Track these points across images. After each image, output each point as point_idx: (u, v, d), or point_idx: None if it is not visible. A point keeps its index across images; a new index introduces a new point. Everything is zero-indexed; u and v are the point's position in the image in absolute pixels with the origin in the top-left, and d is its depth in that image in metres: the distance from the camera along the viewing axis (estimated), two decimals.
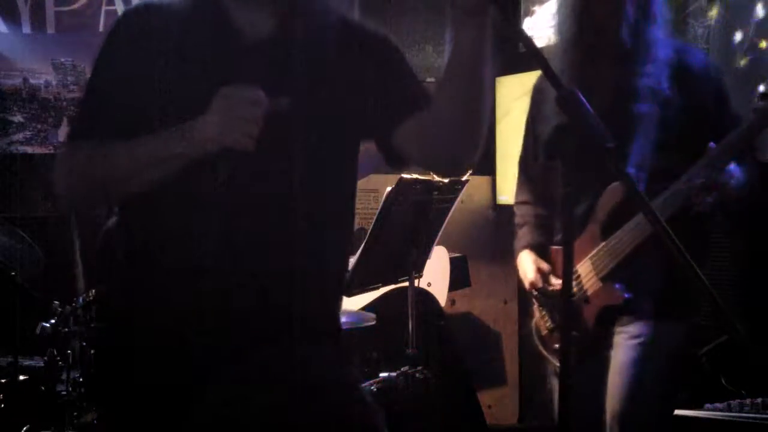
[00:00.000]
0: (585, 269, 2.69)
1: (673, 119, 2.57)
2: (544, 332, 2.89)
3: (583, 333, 2.70)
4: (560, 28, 2.69)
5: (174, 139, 1.55)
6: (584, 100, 1.32)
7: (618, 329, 2.66)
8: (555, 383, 2.89)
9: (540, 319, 2.90)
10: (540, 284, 2.74)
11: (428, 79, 1.77)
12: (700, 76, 2.60)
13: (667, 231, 1.28)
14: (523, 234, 2.89)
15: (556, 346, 2.82)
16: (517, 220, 2.94)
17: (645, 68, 2.57)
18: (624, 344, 2.63)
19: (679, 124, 2.58)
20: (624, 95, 2.59)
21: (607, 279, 2.63)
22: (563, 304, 1.53)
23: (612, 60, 2.61)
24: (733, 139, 2.44)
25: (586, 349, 2.69)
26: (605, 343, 2.68)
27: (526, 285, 2.80)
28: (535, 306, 2.92)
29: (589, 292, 2.68)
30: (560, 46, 2.67)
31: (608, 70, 2.62)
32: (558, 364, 2.83)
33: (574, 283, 2.70)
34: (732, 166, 2.46)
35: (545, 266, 2.77)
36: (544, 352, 2.90)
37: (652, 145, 2.57)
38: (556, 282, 2.72)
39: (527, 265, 2.80)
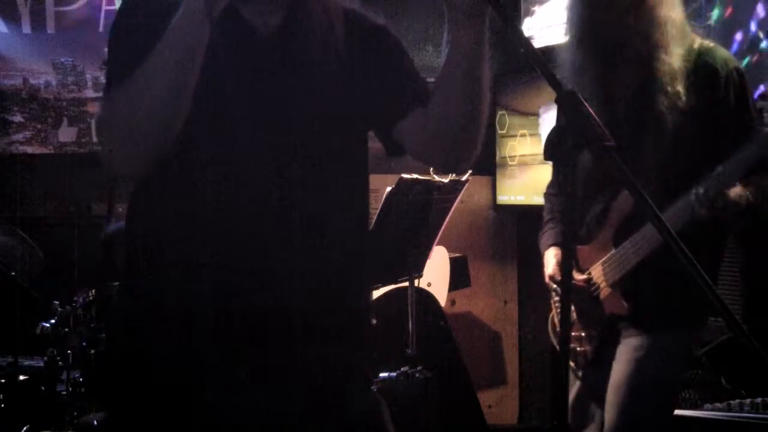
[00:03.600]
0: (597, 273, 2.68)
1: (683, 121, 2.53)
2: (560, 328, 2.88)
3: (595, 332, 2.71)
4: (570, 29, 2.68)
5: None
6: (583, 100, 1.31)
7: (621, 340, 2.65)
8: (573, 382, 2.87)
9: (556, 314, 2.89)
10: (558, 278, 2.75)
11: (428, 79, 1.77)
12: (715, 76, 2.54)
13: (674, 238, 1.27)
14: (549, 230, 2.88)
15: (571, 345, 2.82)
16: (546, 213, 2.93)
17: (655, 68, 2.54)
18: (624, 357, 2.60)
19: (689, 127, 2.55)
20: (633, 96, 2.58)
21: (614, 287, 2.63)
22: (563, 303, 1.53)
23: (621, 60, 2.60)
24: (744, 156, 2.41)
25: (596, 349, 2.69)
26: (612, 353, 2.67)
27: (546, 278, 2.80)
28: (552, 301, 2.91)
29: (601, 296, 2.68)
30: (570, 46, 2.66)
31: (617, 71, 2.60)
32: (570, 363, 2.83)
33: (588, 284, 2.70)
34: (738, 189, 2.44)
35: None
36: (559, 349, 2.89)
37: (660, 146, 2.56)
38: (579, 278, 2.71)
39: (549, 259, 2.80)
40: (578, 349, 2.76)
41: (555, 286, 2.77)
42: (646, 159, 2.54)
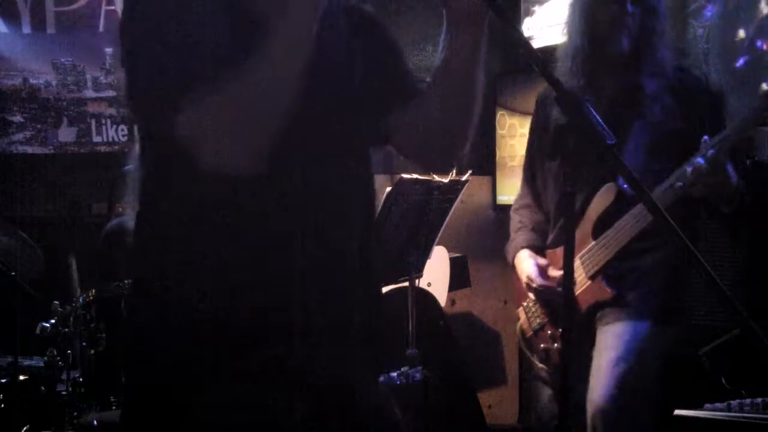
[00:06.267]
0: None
1: (669, 126, 2.63)
2: (529, 334, 2.92)
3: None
4: (567, 39, 2.75)
5: None
6: (584, 100, 1.32)
7: (601, 328, 2.69)
8: (539, 387, 2.92)
9: (525, 321, 2.93)
10: (538, 278, 2.76)
11: (428, 79, 1.79)
12: (698, 90, 2.68)
13: (669, 222, 1.28)
14: (520, 236, 2.92)
15: (543, 345, 2.85)
16: (515, 224, 2.98)
17: (645, 78, 2.63)
18: (607, 343, 2.65)
19: (673, 131, 2.63)
20: (623, 101, 2.65)
21: (595, 277, 2.67)
22: (565, 303, 1.53)
23: (614, 68, 2.66)
24: (729, 132, 2.47)
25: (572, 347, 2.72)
26: (589, 343, 2.71)
27: (524, 280, 2.82)
28: (520, 309, 2.95)
29: (577, 292, 2.71)
30: (567, 55, 2.73)
31: (610, 78, 2.67)
32: (541, 365, 2.87)
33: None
34: (727, 165, 2.48)
35: (543, 261, 2.80)
36: (529, 354, 2.94)
37: (646, 148, 2.62)
38: (555, 273, 2.75)
39: (525, 261, 2.83)
40: (551, 348, 2.80)
41: (536, 287, 2.79)
42: (625, 154, 2.61)
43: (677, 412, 2.59)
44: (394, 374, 3.25)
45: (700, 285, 2.73)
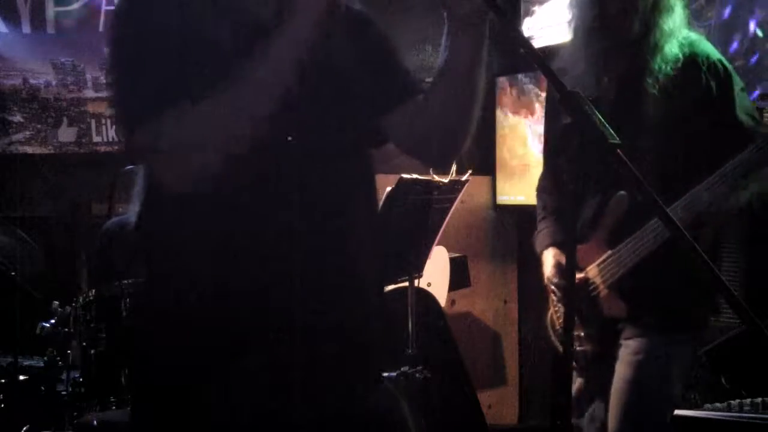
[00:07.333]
0: (593, 274, 2.68)
1: (680, 115, 2.55)
2: (558, 327, 2.88)
3: (595, 331, 2.70)
4: (573, 23, 2.69)
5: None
6: (587, 100, 1.32)
7: (622, 342, 2.65)
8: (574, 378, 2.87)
9: (554, 313, 2.89)
10: (556, 279, 2.73)
11: (427, 79, 1.80)
12: (697, 68, 2.57)
13: (680, 230, 1.27)
14: (545, 228, 2.86)
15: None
16: (540, 210, 2.91)
17: (655, 62, 2.55)
18: (625, 360, 2.60)
19: (684, 121, 2.56)
20: (633, 90, 2.58)
21: (612, 288, 2.63)
22: (566, 304, 1.53)
23: (623, 54, 2.61)
24: (740, 160, 2.41)
25: (596, 349, 2.69)
26: (613, 352, 2.67)
27: (545, 280, 2.79)
28: (550, 300, 2.91)
29: (600, 297, 2.67)
30: (573, 41, 2.67)
31: (619, 64, 2.61)
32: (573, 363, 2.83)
33: (586, 283, 2.69)
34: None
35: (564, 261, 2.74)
36: (560, 347, 2.89)
37: (655, 142, 2.56)
38: (576, 276, 2.69)
39: (548, 260, 2.79)
40: (578, 348, 2.75)
41: (554, 287, 2.77)
42: (634, 146, 2.56)
43: (677, 412, 2.59)
44: (394, 374, 3.25)
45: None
